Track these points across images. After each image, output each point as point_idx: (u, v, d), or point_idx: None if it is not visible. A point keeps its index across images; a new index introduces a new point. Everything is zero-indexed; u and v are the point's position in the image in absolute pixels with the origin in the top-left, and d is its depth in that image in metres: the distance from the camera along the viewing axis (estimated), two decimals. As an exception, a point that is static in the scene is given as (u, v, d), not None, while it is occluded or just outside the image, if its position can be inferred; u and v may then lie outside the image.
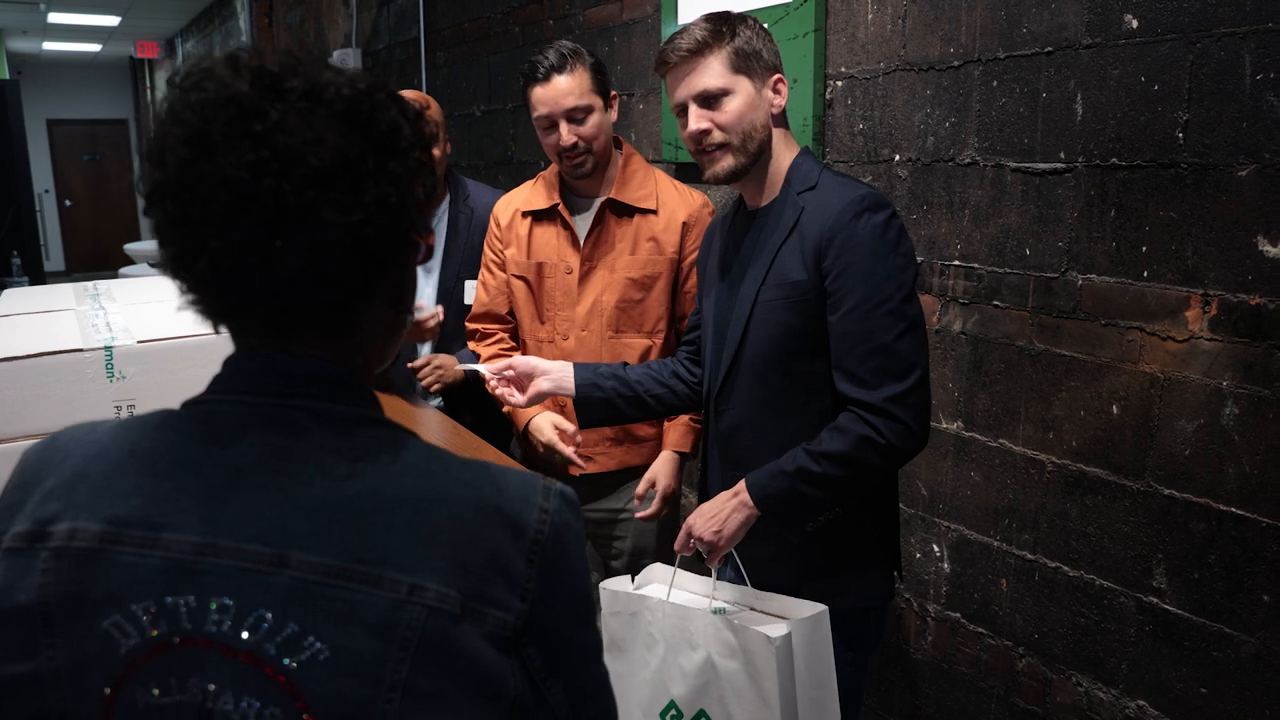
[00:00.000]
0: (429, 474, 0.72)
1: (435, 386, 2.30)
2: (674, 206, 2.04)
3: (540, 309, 2.10)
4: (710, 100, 1.49)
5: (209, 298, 0.71)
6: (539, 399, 1.74)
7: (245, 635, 0.67)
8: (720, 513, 1.49)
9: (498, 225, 2.16)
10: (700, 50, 1.48)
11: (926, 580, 2.08)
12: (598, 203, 2.04)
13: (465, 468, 0.74)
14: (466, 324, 2.23)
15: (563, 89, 1.95)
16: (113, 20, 9.03)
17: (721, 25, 1.49)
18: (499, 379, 1.73)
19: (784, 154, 1.55)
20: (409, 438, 0.75)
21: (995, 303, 1.84)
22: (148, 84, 12.02)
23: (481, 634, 0.70)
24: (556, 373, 1.71)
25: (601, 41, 2.93)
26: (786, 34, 2.16)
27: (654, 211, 2.02)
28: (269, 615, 0.67)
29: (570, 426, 1.93)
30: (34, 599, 0.69)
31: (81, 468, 0.72)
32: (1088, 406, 1.71)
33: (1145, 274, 1.59)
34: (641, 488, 2.01)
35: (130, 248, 8.24)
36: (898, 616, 2.15)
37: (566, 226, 2.05)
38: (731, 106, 1.48)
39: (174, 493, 0.70)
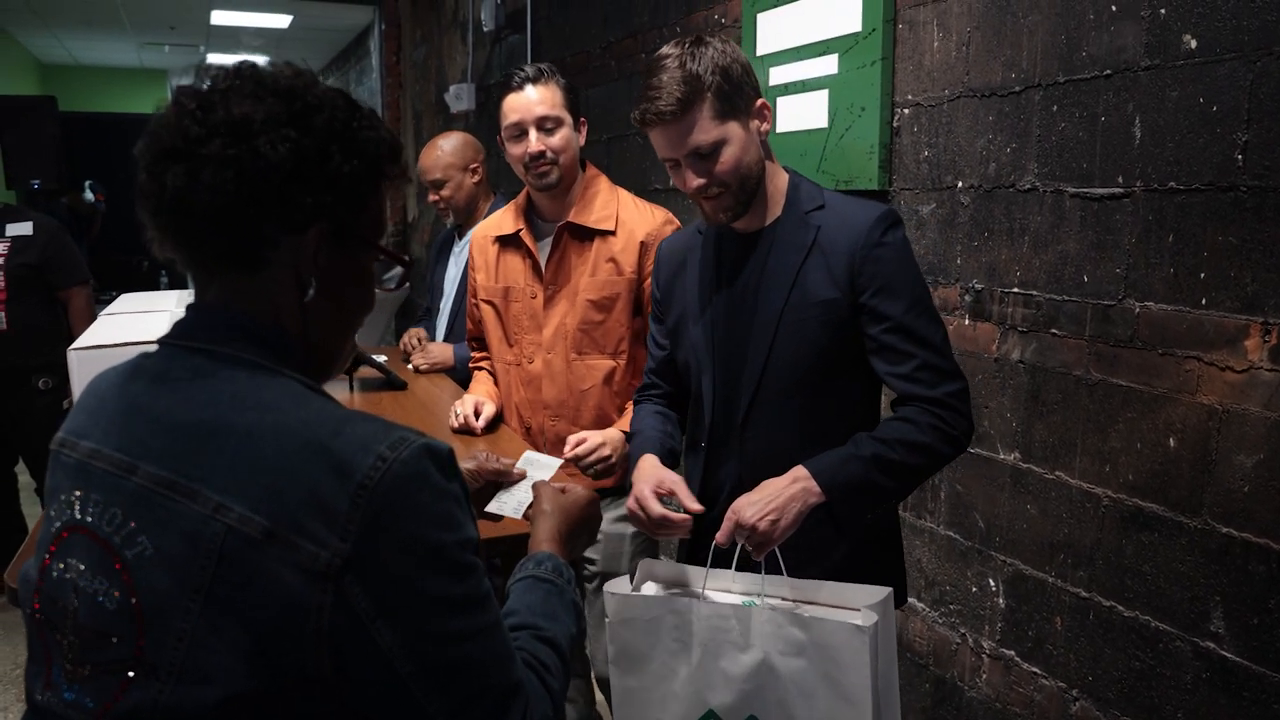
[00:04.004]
0: (276, 411, 0.80)
1: (423, 367, 2.77)
2: (632, 226, 2.04)
3: (508, 333, 2.14)
4: (704, 155, 1.44)
5: (148, 225, 0.86)
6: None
7: (105, 527, 0.80)
8: (776, 499, 1.37)
9: (471, 251, 2.24)
10: (684, 109, 1.41)
11: (982, 615, 2.02)
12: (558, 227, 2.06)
13: (319, 411, 0.81)
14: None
15: (535, 98, 2.00)
16: (262, 61, 9.70)
17: (695, 67, 1.40)
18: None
19: (774, 174, 1.54)
20: (281, 381, 0.83)
21: (1053, 331, 1.79)
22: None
23: (291, 562, 0.75)
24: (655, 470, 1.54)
25: (688, 73, 2.99)
26: (855, 63, 2.17)
27: (612, 232, 2.03)
28: (119, 513, 0.80)
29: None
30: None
31: (85, 392, 0.92)
32: (1144, 439, 1.64)
33: (1203, 301, 1.53)
34: (576, 441, 1.86)
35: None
36: (953, 652, 2.10)
37: (530, 251, 2.08)
38: (727, 156, 1.44)
39: (101, 413, 0.86)
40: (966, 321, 1.98)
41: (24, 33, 8.86)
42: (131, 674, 0.77)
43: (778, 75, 2.42)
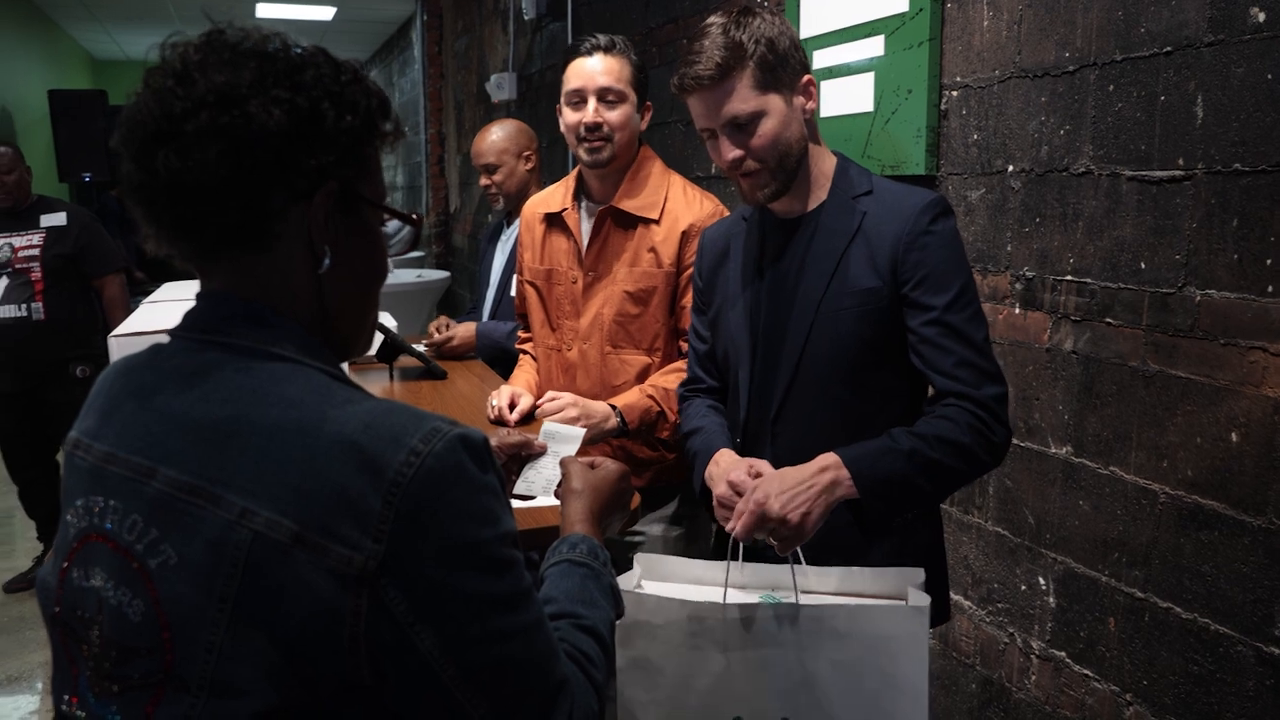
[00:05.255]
0: (300, 406, 0.75)
1: (441, 345, 2.79)
2: (678, 215, 1.95)
3: (550, 316, 2.09)
4: (741, 126, 1.38)
5: (142, 220, 0.81)
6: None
7: (125, 535, 0.76)
8: (807, 491, 1.27)
9: (521, 226, 2.19)
10: (723, 75, 1.36)
11: (1031, 615, 1.95)
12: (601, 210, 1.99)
13: (345, 404, 0.76)
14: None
15: (601, 67, 1.93)
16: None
17: (740, 35, 1.36)
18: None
19: (820, 157, 1.47)
20: (303, 372, 0.79)
21: (1108, 320, 1.72)
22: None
23: (323, 567, 0.71)
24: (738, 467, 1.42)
25: (730, 58, 2.94)
26: (901, 44, 2.11)
27: (656, 221, 1.95)
28: (140, 520, 0.75)
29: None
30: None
31: (95, 390, 0.87)
32: (1205, 433, 1.57)
33: (1270, 289, 1.45)
34: (549, 398, 1.90)
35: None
36: (1001, 652, 2.04)
37: (573, 234, 2.02)
38: (765, 129, 1.38)
39: (113, 411, 0.82)
40: (1017, 310, 1.92)
41: (76, 28, 9.04)
42: (161, 689, 0.74)
43: (822, 58, 2.36)
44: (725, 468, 1.41)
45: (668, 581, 1.34)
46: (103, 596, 0.77)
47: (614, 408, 1.90)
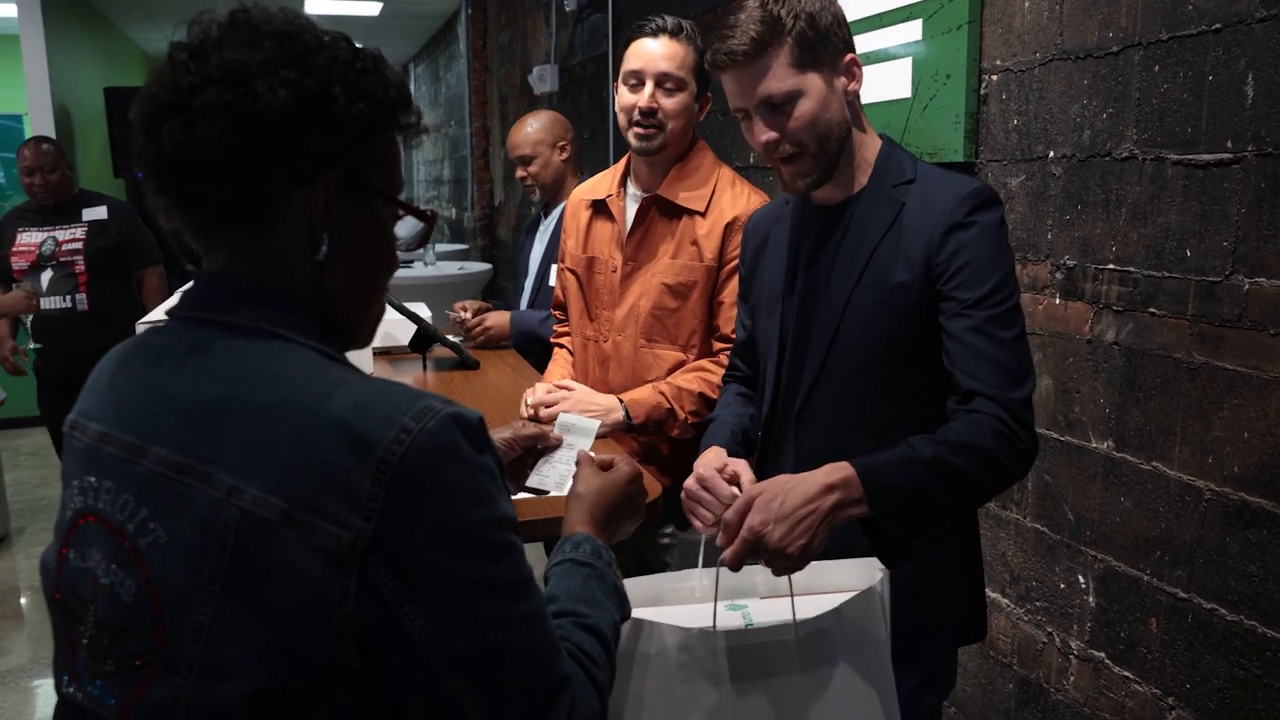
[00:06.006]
0: (292, 385, 0.74)
1: (480, 338, 2.80)
2: (724, 207, 1.89)
3: (589, 305, 2.05)
4: (776, 106, 1.31)
5: (150, 193, 0.81)
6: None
7: (118, 515, 0.76)
8: (809, 517, 1.12)
9: (565, 214, 2.17)
10: (758, 51, 1.27)
11: (1070, 614, 1.90)
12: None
13: (336, 382, 0.75)
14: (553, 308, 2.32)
15: (662, 52, 1.88)
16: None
17: (779, 9, 1.28)
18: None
19: (865, 141, 1.39)
20: (298, 351, 0.78)
21: (1151, 310, 1.66)
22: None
23: (311, 546, 0.70)
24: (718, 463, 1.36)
25: (767, 46, 2.90)
26: (940, 28, 2.05)
27: (702, 213, 1.90)
28: (131, 499, 0.75)
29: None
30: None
31: (95, 372, 0.88)
32: (1252, 428, 1.51)
33: (1322, 277, 1.39)
34: (544, 389, 1.94)
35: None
36: (1039, 651, 1.98)
37: (616, 221, 1.98)
38: (802, 110, 1.30)
39: (109, 392, 0.82)
40: (1057, 300, 1.86)
41: (132, 27, 9.23)
42: (153, 670, 0.74)
43: (858, 44, 2.30)
44: (700, 464, 1.35)
45: (657, 607, 1.23)
46: (97, 576, 0.77)
47: (621, 401, 1.88)
